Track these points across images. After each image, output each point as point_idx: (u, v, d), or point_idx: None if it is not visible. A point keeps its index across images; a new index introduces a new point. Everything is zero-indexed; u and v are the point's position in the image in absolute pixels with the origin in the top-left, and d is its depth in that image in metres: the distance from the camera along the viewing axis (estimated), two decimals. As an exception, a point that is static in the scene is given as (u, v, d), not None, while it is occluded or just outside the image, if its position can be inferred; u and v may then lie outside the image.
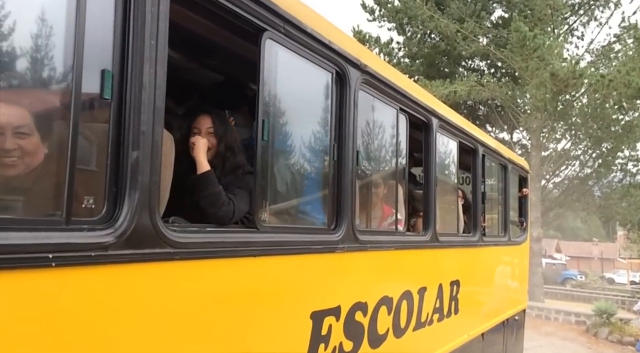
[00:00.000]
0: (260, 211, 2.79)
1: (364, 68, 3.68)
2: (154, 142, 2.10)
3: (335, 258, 3.42)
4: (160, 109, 2.13)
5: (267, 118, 2.80)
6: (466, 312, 6.01)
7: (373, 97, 3.98)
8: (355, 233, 3.58)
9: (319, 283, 3.29)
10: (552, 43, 22.58)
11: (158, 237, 2.11)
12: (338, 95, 3.50)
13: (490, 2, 25.67)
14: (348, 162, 3.53)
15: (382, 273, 4.12)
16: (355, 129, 3.63)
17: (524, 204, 9.64)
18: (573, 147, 28.73)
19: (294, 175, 3.18)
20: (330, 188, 3.41)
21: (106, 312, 1.92)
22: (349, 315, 3.56)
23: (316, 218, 3.46)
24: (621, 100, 23.24)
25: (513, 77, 25.96)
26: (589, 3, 25.69)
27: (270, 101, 2.87)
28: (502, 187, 7.89)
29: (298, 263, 3.08)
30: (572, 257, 63.25)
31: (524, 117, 26.06)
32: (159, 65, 2.12)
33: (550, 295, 28.97)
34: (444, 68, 27.15)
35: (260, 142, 2.74)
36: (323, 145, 3.40)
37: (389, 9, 25.83)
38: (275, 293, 2.88)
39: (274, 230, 2.90)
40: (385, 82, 4.04)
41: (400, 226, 4.45)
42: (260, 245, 2.74)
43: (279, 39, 2.86)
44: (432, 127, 4.96)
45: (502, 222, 7.95)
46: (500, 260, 8.05)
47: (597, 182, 30.72)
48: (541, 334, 18.56)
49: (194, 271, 2.33)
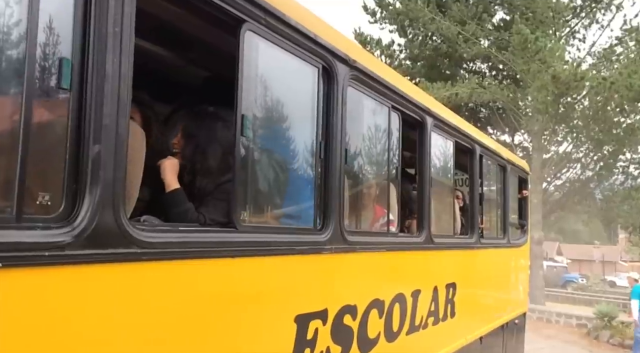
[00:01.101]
0: (240, 210, 2.66)
1: (352, 63, 3.54)
2: (118, 136, 1.96)
3: (322, 259, 3.28)
4: (126, 101, 1.99)
5: (247, 113, 2.66)
6: (463, 315, 5.85)
7: (363, 94, 3.84)
8: (343, 234, 3.44)
9: (304, 286, 3.15)
10: (553, 45, 22.48)
11: (123, 236, 1.97)
12: (325, 92, 3.36)
13: (491, 5, 25.55)
14: (336, 160, 3.39)
15: (372, 276, 3.97)
16: (344, 126, 3.49)
17: (524, 206, 9.45)
18: (574, 150, 28.53)
19: (277, 173, 3.03)
20: (317, 188, 3.28)
21: (61, 316, 1.78)
22: (336, 319, 3.42)
23: (302, 219, 3.32)
24: (623, 103, 23.17)
25: (514, 80, 25.82)
26: (590, 5, 25.53)
27: (251, 96, 2.72)
28: (501, 188, 7.73)
29: (281, 264, 2.93)
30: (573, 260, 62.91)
31: (525, 119, 25.91)
32: (124, 55, 1.98)
33: (552, 298, 28.81)
34: (445, 70, 27.01)
35: (239, 138, 2.61)
36: (309, 143, 3.26)
37: (391, 11, 25.73)
38: (256, 296, 2.73)
39: (254, 230, 2.76)
40: (376, 79, 3.90)
41: (392, 227, 4.31)
42: (239, 245, 2.60)
43: (260, 31, 2.72)
44: (427, 126, 4.82)
45: (501, 224, 7.79)
46: (499, 263, 7.88)
47: (599, 185, 30.53)
48: (542, 337, 18.45)
49: (165, 273, 2.19)
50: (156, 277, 2.15)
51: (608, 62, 25.34)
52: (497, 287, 7.76)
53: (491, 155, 7.02)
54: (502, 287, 8.09)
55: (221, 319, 2.50)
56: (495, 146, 7.33)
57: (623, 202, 28.86)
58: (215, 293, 2.46)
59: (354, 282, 3.69)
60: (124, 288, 2.00)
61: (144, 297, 2.08)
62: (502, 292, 8.08)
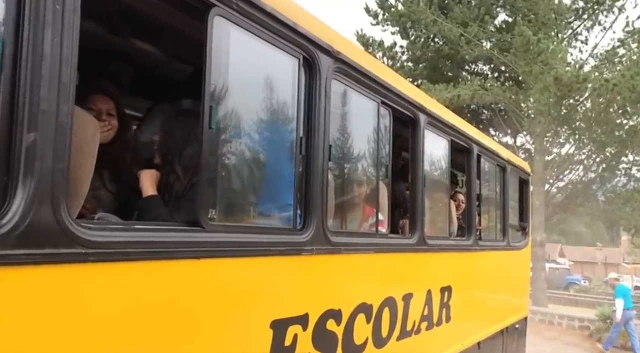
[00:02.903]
0: (207, 209, 2.44)
1: (336, 55, 3.33)
2: (59, 123, 1.75)
3: (302, 261, 3.06)
4: (68, 85, 1.78)
5: (216, 104, 2.45)
6: (460, 319, 5.62)
7: (349, 88, 3.63)
8: (326, 234, 3.22)
9: (281, 289, 2.92)
10: (555, 47, 22.23)
11: (64, 234, 1.76)
12: (307, 84, 3.15)
13: (493, 6, 25.29)
14: (318, 156, 3.17)
15: (359, 278, 3.74)
16: (327, 121, 3.27)
17: (526, 208, 9.18)
18: (577, 152, 28.20)
19: (252, 169, 2.80)
20: (297, 186, 3.05)
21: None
22: (318, 324, 3.20)
23: (280, 218, 3.08)
24: (625, 105, 22.92)
25: (517, 81, 25.53)
26: (592, 7, 25.23)
27: (220, 86, 2.50)
28: (500, 189, 7.48)
29: (255, 266, 2.71)
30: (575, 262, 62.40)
31: (527, 121, 25.64)
32: (67, 34, 1.77)
33: (554, 300, 28.58)
34: (447, 72, 26.72)
35: (206, 130, 2.39)
36: (288, 138, 3.04)
37: (393, 13, 25.50)
38: (225, 300, 2.51)
39: (224, 229, 2.53)
40: (363, 72, 3.68)
41: (382, 227, 4.08)
42: (205, 245, 2.38)
43: (231, 16, 2.50)
44: (420, 123, 4.60)
45: (501, 226, 7.55)
46: (498, 266, 7.60)
47: (601, 187, 30.25)
48: (545, 339, 18.23)
49: (116, 275, 1.98)
50: (106, 280, 1.94)
51: (610, 63, 25.08)
52: (496, 290, 7.49)
53: (490, 155, 6.78)
54: (502, 290, 7.82)
55: (184, 326, 2.28)
56: (494, 146, 7.10)
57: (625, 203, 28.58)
58: (177, 298, 2.24)
59: (338, 285, 3.47)
60: (66, 292, 1.79)
61: (90, 302, 1.87)
62: (502, 296, 7.82)
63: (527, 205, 9.26)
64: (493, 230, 7.38)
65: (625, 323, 16.42)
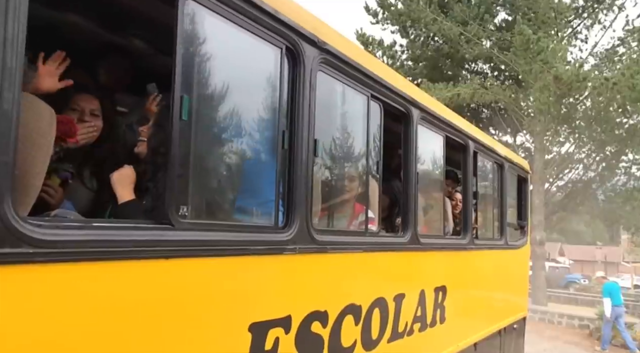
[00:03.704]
0: (177, 205, 2.27)
1: (322, 45, 3.16)
2: (2, 113, 1.59)
3: (284, 260, 2.88)
4: (14, 70, 1.61)
5: (188, 95, 2.27)
6: (455, 320, 5.44)
7: (336, 80, 3.45)
8: (311, 232, 3.05)
9: (261, 290, 2.74)
10: (555, 46, 22.01)
11: (9, 233, 1.59)
12: (290, 75, 2.98)
13: (493, 5, 25.05)
14: (302, 151, 3.00)
15: (347, 278, 3.56)
16: (312, 114, 3.10)
17: (525, 206, 8.97)
18: (577, 151, 28.06)
19: (228, 163, 2.63)
20: (279, 181, 2.88)
21: None
22: (302, 326, 3.03)
23: (259, 216, 2.92)
24: (625, 104, 22.68)
25: (516, 80, 25.31)
26: (592, 6, 25.03)
27: (192, 74, 2.33)
28: (498, 187, 7.29)
29: (231, 266, 2.54)
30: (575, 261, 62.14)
31: (527, 120, 25.44)
32: (11, 16, 1.61)
33: (554, 298, 28.38)
34: (447, 71, 26.52)
35: (177, 122, 2.22)
36: (269, 132, 2.87)
37: (392, 12, 25.25)
38: (198, 303, 2.34)
39: (196, 227, 2.36)
40: (352, 64, 3.50)
41: (372, 226, 3.90)
42: (175, 244, 2.21)
43: (204, 0, 2.34)
44: (412, 118, 4.42)
45: (498, 225, 7.36)
46: (496, 265, 7.40)
47: (601, 186, 30.13)
48: (544, 338, 18.17)
49: (69, 277, 1.80)
50: (58, 282, 1.77)
51: (610, 62, 24.86)
52: (494, 290, 7.29)
53: (487, 152, 6.59)
54: (499, 290, 7.62)
55: (150, 332, 2.11)
56: (491, 143, 6.90)
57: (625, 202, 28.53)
58: (142, 301, 2.07)
59: (324, 286, 3.29)
60: (10, 294, 1.62)
61: (38, 306, 1.70)
62: (499, 296, 7.62)
63: (525, 204, 9.04)
64: (490, 228, 7.19)
65: (615, 320, 16.50)
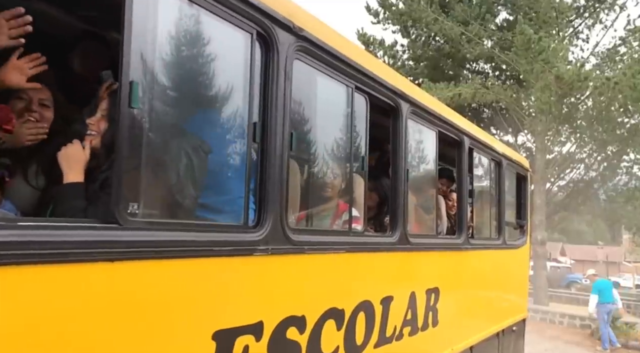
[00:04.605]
0: (126, 201, 2.02)
1: (298, 32, 2.90)
2: None
3: (254, 262, 2.63)
4: None
5: (139, 79, 2.02)
6: (449, 323, 5.17)
7: (317, 70, 3.20)
8: (285, 232, 2.80)
9: (227, 295, 2.49)
10: (557, 46, 21.73)
11: None
12: (263, 63, 2.73)
13: (494, 5, 24.77)
14: (277, 145, 2.75)
15: (327, 281, 3.30)
16: (288, 106, 2.85)
17: (524, 205, 8.67)
18: (578, 150, 27.74)
19: (189, 157, 2.36)
20: (249, 177, 2.62)
21: None
22: (276, 333, 2.78)
23: (227, 213, 2.66)
24: (626, 103, 22.35)
25: (518, 80, 25.02)
26: (594, 6, 24.71)
27: (144, 57, 2.08)
28: (495, 185, 7.01)
29: (191, 268, 2.28)
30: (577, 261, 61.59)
31: (528, 120, 25.13)
32: None
33: (555, 298, 28.13)
34: (448, 71, 26.22)
35: (125, 110, 1.97)
36: (237, 123, 2.61)
37: (393, 12, 24.97)
38: (149, 310, 2.09)
39: (148, 226, 2.11)
40: (333, 53, 3.24)
41: (356, 225, 3.64)
42: (122, 245, 1.96)
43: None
44: (402, 112, 4.16)
45: (496, 224, 7.08)
46: (493, 266, 7.09)
47: (602, 185, 29.85)
48: (546, 338, 17.89)
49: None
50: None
51: (612, 62, 24.52)
52: (491, 291, 6.99)
53: (483, 148, 6.31)
54: (497, 291, 7.31)
55: (91, 345, 1.86)
56: (488, 139, 6.61)
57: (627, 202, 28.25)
58: (79, 308, 1.82)
59: (301, 289, 3.03)
60: None
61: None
62: (497, 297, 7.32)
63: (525, 202, 8.71)
64: (487, 228, 6.91)
65: (606, 315, 16.53)
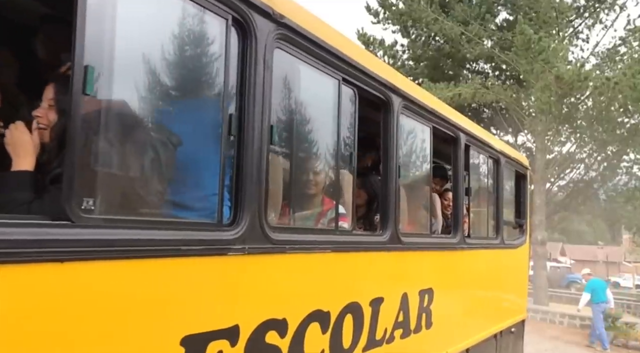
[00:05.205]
0: (79, 197, 1.83)
1: (278, 19, 2.72)
2: None
3: (229, 262, 2.44)
4: None
5: (94, 65, 1.83)
6: (443, 325, 4.98)
7: (300, 61, 3.01)
8: (265, 230, 2.62)
9: (198, 297, 2.30)
10: (557, 46, 21.53)
11: None
12: (240, 51, 2.55)
13: (494, 5, 24.57)
14: (255, 138, 2.57)
15: (311, 282, 3.10)
16: (268, 97, 2.67)
17: (523, 204, 8.45)
18: (578, 150, 27.51)
19: (155, 150, 2.17)
20: (224, 172, 2.44)
21: None
22: (254, 337, 2.59)
23: (199, 211, 2.46)
24: (626, 103, 22.15)
25: (518, 80, 24.82)
26: (594, 6, 24.49)
27: (102, 39, 1.90)
28: (493, 183, 6.79)
29: (156, 269, 2.09)
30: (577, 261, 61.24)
31: (528, 120, 24.92)
32: None
33: (555, 298, 27.95)
34: (448, 70, 26.02)
35: (79, 97, 1.79)
36: (210, 114, 2.43)
37: (393, 12, 24.76)
38: (104, 314, 1.89)
39: (105, 223, 1.92)
40: (318, 43, 3.06)
41: (343, 223, 3.44)
42: (73, 244, 1.78)
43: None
44: (393, 107, 3.97)
45: (494, 223, 6.87)
46: (490, 266, 6.86)
47: (603, 186, 29.65)
48: (546, 338, 17.71)
49: None
50: None
51: (612, 62, 24.29)
52: (488, 292, 6.77)
53: (480, 145, 6.10)
54: (495, 292, 7.09)
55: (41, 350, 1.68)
56: (485, 136, 6.40)
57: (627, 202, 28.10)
58: (21, 313, 1.64)
59: (282, 291, 2.84)
60: None
61: None
62: (495, 298, 7.10)
63: (524, 201, 8.48)
64: (484, 227, 6.71)
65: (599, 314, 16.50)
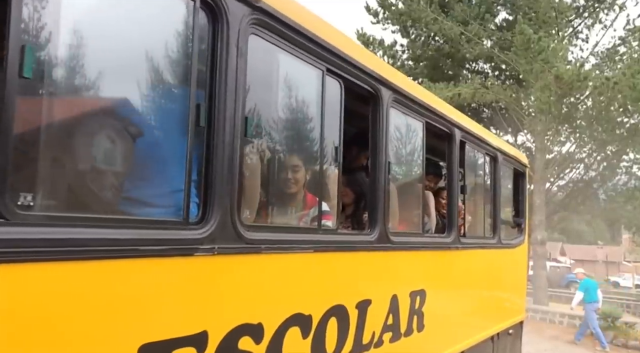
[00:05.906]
0: (15, 192, 1.63)
1: (253, 2, 2.51)
2: None
3: (195, 263, 2.23)
4: None
5: (35, 44, 1.63)
6: (436, 327, 4.76)
7: (278, 48, 2.80)
8: (237, 228, 2.41)
9: (159, 301, 2.09)
10: (556, 46, 21.33)
11: None
12: (210, 36, 2.34)
13: (494, 5, 24.35)
14: (227, 130, 2.36)
15: (291, 284, 2.89)
16: (242, 86, 2.46)
17: (522, 203, 8.21)
18: (578, 150, 27.25)
19: (109, 140, 1.96)
20: (190, 166, 2.23)
21: None
22: (225, 344, 2.38)
23: (162, 208, 2.25)
24: (626, 103, 21.94)
25: (517, 80, 24.60)
26: (593, 6, 24.26)
27: (43, 15, 1.69)
28: (490, 181, 6.56)
29: (105, 271, 1.88)
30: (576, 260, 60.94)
31: (528, 119, 24.70)
32: None
33: (555, 298, 27.78)
34: (447, 70, 25.80)
35: (14, 79, 1.58)
36: (176, 103, 2.23)
37: (393, 12, 24.55)
38: (45, 321, 1.69)
39: (47, 221, 1.71)
40: (299, 30, 2.85)
41: (327, 221, 3.23)
42: (8, 244, 1.57)
43: None
44: (382, 100, 3.76)
45: (491, 222, 6.63)
46: (487, 266, 6.62)
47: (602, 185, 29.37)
48: (546, 338, 17.62)
49: None
50: None
51: (611, 62, 24.11)
52: (484, 293, 6.53)
53: (476, 142, 5.86)
54: (491, 293, 6.84)
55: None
56: (482, 132, 6.17)
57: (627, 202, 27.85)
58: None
59: (257, 294, 2.62)
60: None
61: None
62: (491, 299, 6.85)
63: (523, 200, 8.22)
64: (481, 226, 6.48)
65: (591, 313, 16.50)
